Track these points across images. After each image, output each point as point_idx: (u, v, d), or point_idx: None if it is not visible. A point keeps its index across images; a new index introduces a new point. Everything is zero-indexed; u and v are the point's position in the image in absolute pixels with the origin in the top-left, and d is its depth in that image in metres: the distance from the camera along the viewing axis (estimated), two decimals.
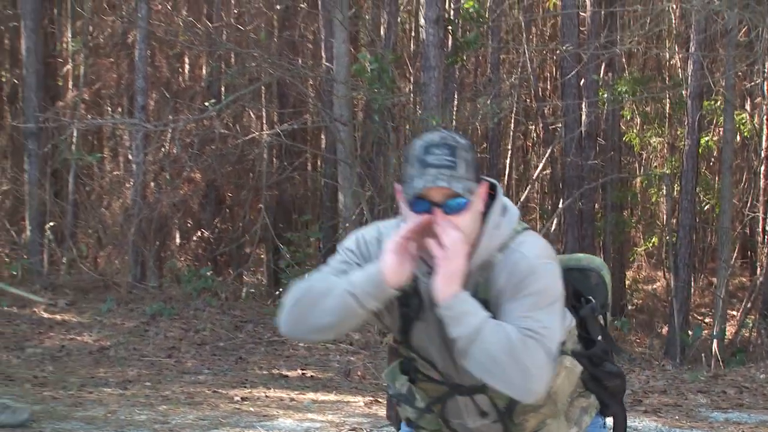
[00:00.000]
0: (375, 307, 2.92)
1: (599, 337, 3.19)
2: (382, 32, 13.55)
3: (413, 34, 15.78)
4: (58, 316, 11.05)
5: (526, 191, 16.54)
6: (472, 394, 3.07)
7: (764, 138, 16.12)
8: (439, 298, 2.86)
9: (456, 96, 14.70)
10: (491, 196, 3.03)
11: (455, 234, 2.84)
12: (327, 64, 13.19)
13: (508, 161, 16.85)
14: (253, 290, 13.55)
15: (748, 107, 17.43)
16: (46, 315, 11.05)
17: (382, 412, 7.35)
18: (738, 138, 16.17)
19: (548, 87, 18.61)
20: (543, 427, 3.09)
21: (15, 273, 12.39)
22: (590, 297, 3.23)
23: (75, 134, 12.93)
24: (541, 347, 2.84)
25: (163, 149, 13.04)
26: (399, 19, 14.41)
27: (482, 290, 2.97)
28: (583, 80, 15.03)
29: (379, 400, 7.86)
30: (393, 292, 2.90)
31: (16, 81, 14.59)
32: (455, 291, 2.85)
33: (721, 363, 11.12)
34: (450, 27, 13.43)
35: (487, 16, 14.59)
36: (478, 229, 2.95)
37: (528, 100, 17.27)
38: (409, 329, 3.03)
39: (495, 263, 2.95)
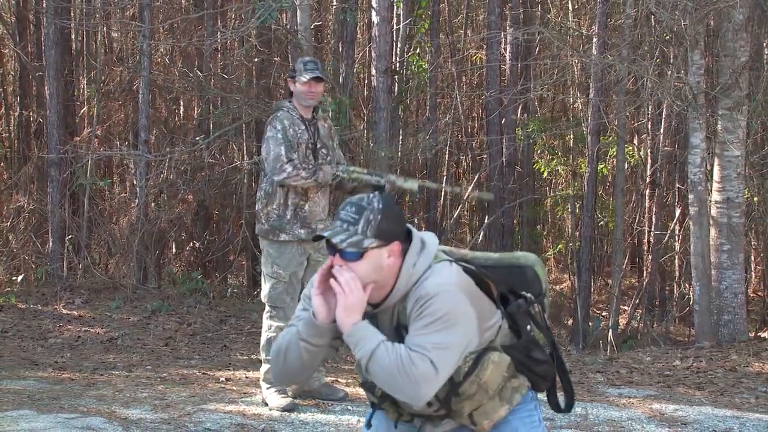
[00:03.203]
0: (324, 342, 2.94)
1: (528, 328, 3.14)
2: (341, 80, 13.52)
3: (366, 82, 15.78)
4: (75, 312, 10.94)
5: (459, 209, 16.58)
6: None
7: (648, 167, 16.26)
8: (340, 327, 2.86)
9: (401, 132, 14.70)
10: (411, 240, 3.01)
11: (347, 274, 2.84)
12: None
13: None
14: (235, 290, 13.45)
15: (636, 142, 17.55)
16: (65, 311, 10.94)
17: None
18: (627, 167, 16.27)
19: (475, 125, 18.65)
20: (479, 407, 3.06)
21: (40, 277, 12.27)
22: (525, 291, 3.17)
23: (89, 163, 12.79)
24: (427, 360, 2.82)
25: (161, 176, 12.95)
26: (354, 70, 14.39)
27: (402, 318, 2.97)
28: (503, 119, 15.08)
29: (339, 380, 7.82)
30: (329, 326, 2.90)
31: (41, 120, 14.45)
32: (354, 320, 2.85)
33: (615, 348, 11.16)
34: (396, 76, 13.46)
35: (426, 67, 14.63)
36: (393, 272, 2.93)
37: (459, 136, 17.31)
38: None
39: (409, 294, 2.94)
